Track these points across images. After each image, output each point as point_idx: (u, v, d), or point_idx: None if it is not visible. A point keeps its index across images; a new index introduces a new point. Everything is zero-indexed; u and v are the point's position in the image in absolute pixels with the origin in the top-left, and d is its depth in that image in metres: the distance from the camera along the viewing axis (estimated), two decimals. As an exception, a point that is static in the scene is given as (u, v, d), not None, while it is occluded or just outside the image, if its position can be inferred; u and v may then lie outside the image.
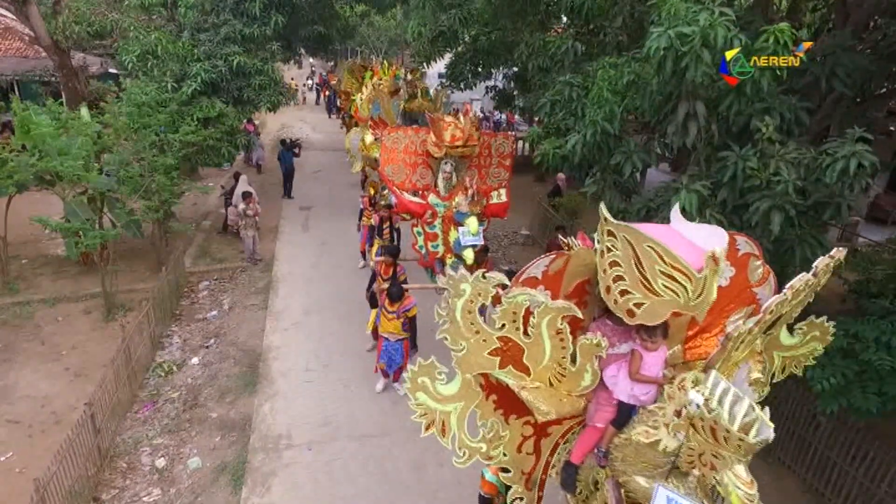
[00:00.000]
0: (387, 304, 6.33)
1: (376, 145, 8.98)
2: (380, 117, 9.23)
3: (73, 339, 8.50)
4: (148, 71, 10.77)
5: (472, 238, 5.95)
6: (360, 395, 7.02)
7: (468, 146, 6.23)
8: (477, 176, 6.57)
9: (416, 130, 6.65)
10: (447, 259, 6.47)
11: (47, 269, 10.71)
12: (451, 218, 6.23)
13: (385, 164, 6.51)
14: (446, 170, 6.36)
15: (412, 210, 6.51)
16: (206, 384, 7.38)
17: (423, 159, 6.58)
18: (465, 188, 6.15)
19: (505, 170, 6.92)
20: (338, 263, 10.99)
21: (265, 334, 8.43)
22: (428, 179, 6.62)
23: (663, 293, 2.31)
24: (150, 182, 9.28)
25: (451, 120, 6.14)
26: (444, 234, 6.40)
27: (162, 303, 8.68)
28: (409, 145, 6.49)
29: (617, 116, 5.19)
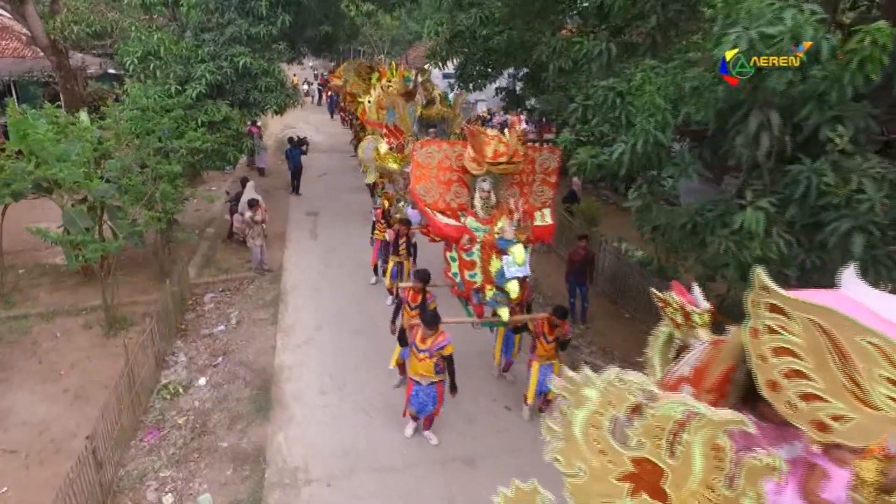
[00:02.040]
0: (418, 339, 5.60)
1: (392, 155, 8.49)
2: (395, 125, 8.71)
3: (72, 357, 8.03)
4: (150, 73, 10.30)
5: (517, 269, 5.24)
6: (381, 421, 6.56)
7: (512, 163, 5.59)
8: (518, 194, 5.99)
9: (451, 144, 6.00)
10: (487, 291, 5.77)
11: (45, 280, 10.24)
12: (493, 245, 5.50)
13: (417, 181, 5.82)
14: (485, 188, 5.70)
15: (447, 235, 5.84)
16: (215, 408, 6.91)
17: (459, 176, 5.93)
18: (509, 211, 5.45)
19: (549, 188, 6.24)
20: (348, 273, 10.53)
21: (276, 352, 7.96)
22: (463, 198, 5.96)
23: (886, 407, 1.65)
24: (153, 191, 8.80)
25: (495, 134, 5.52)
26: (483, 263, 5.69)
27: (166, 317, 8.22)
28: (443, 160, 5.82)
29: (670, 125, 4.73)
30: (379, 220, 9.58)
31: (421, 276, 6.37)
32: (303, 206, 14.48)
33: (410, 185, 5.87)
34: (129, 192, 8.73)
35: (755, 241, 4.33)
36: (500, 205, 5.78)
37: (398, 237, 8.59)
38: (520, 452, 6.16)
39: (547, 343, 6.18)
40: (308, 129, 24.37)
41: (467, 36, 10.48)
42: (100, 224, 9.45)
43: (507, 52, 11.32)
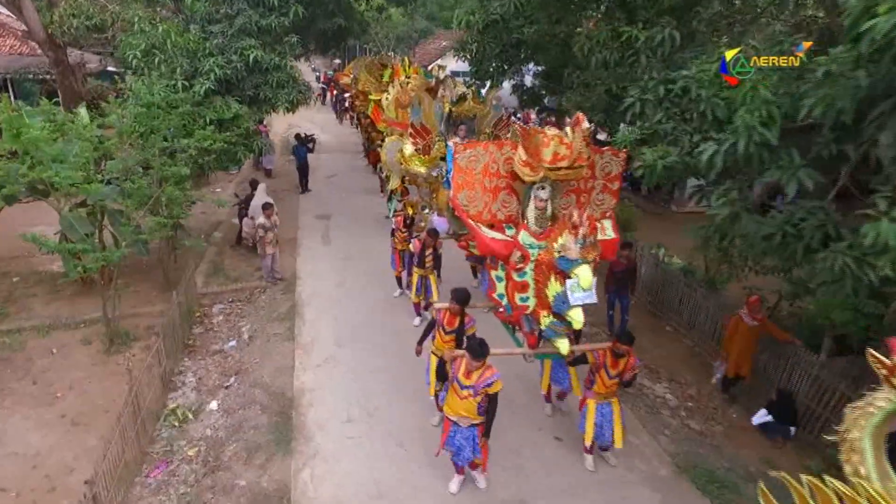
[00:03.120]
0: (461, 374, 4.75)
1: (418, 157, 7.72)
2: (421, 124, 7.93)
3: (69, 377, 7.31)
4: (155, 67, 9.57)
5: (583, 295, 4.38)
6: (416, 456, 5.83)
7: (575, 168, 4.74)
8: (575, 203, 5.23)
9: (499, 146, 5.14)
10: (542, 318, 4.88)
11: (41, 290, 9.52)
12: (551, 264, 4.64)
13: (458, 189, 5.02)
14: (541, 197, 4.86)
15: (495, 251, 5.03)
16: (230, 438, 6.19)
17: (508, 183, 5.14)
18: (574, 226, 4.49)
19: (611, 196, 5.46)
20: (367, 282, 9.80)
21: (295, 373, 7.23)
22: (512, 209, 5.17)
23: None
24: (159, 194, 8.07)
25: (555, 133, 4.66)
26: (538, 285, 4.86)
27: (172, 332, 7.49)
28: (489, 165, 5.03)
29: (776, 121, 4.02)
30: (399, 228, 8.79)
31: (459, 296, 5.51)
32: (313, 209, 13.75)
33: (452, 194, 5.05)
34: (133, 196, 8.00)
35: (885, 258, 3.62)
36: (557, 217, 4.99)
37: (424, 248, 7.83)
38: (578, 494, 5.45)
39: (609, 378, 5.27)
40: (313, 128, 23.58)
41: (501, 26, 9.77)
42: (100, 230, 8.75)
43: (537, 45, 10.60)
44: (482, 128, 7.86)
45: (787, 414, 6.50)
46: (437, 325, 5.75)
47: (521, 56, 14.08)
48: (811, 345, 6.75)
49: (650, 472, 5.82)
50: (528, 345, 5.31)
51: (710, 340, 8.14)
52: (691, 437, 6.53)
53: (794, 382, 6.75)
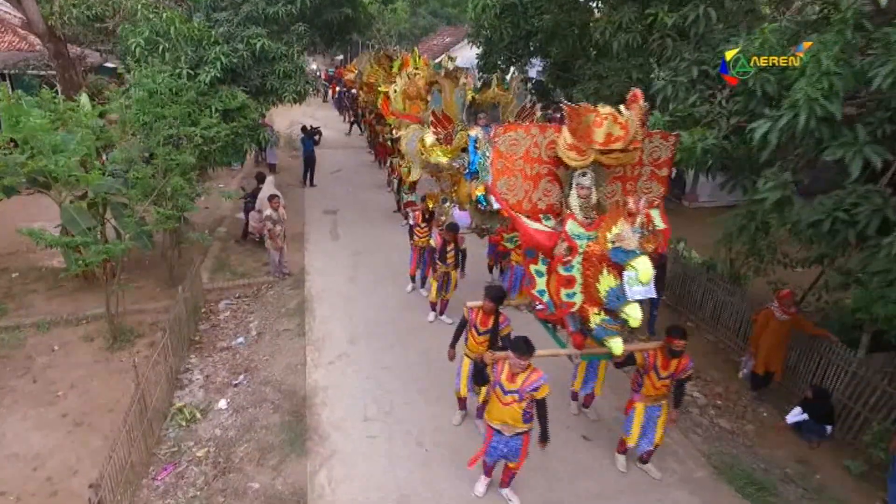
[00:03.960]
0: (504, 377, 4.37)
1: (439, 147, 7.37)
2: (443, 112, 7.56)
3: (71, 375, 7.01)
4: (158, 56, 9.25)
5: (642, 289, 3.98)
6: (440, 456, 5.54)
7: (628, 151, 4.31)
8: (621, 191, 4.83)
9: (542, 129, 4.64)
10: (592, 316, 4.45)
11: (41, 285, 9.22)
12: (603, 257, 4.23)
13: (498, 176, 4.58)
14: (583, 184, 4.48)
15: (540, 244, 4.59)
16: (240, 438, 5.89)
17: (550, 169, 4.69)
18: (630, 213, 4.08)
19: (660, 183, 4.97)
20: (378, 278, 9.50)
21: (307, 370, 6.93)
22: (553, 197, 4.73)
23: None
24: (163, 185, 7.77)
25: (609, 112, 4.17)
26: (586, 280, 4.45)
27: (178, 328, 7.19)
28: (530, 149, 4.58)
29: (839, 95, 3.72)
30: (419, 223, 8.44)
31: (494, 294, 5.15)
32: (320, 204, 13.45)
33: (491, 182, 4.65)
34: (136, 187, 7.70)
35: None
36: (602, 206, 4.63)
37: (445, 244, 7.46)
38: (611, 497, 5.16)
39: (659, 380, 4.89)
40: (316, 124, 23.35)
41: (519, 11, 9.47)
42: (102, 223, 8.45)
43: (553, 33, 10.30)
44: (505, 117, 7.50)
45: (822, 412, 6.22)
46: (469, 326, 5.35)
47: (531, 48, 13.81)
48: (843, 340, 6.47)
49: (685, 473, 5.54)
50: (575, 345, 4.86)
51: (735, 336, 7.86)
52: (723, 436, 6.25)
53: (829, 380, 6.47)
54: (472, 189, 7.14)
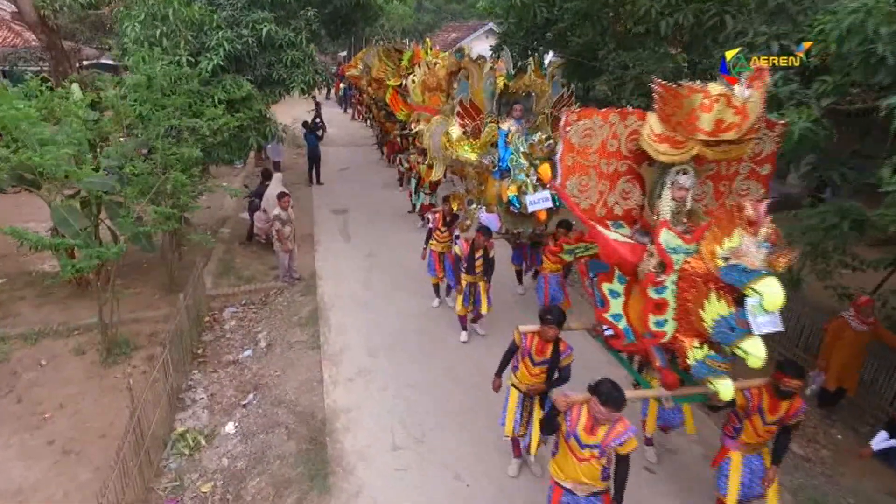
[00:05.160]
0: (581, 428, 3.50)
1: (467, 142, 6.54)
2: (471, 102, 6.72)
3: (60, 393, 6.26)
4: (156, 41, 8.49)
5: (767, 319, 3.11)
6: (479, 491, 4.79)
7: (745, 141, 3.49)
8: (711, 192, 4.02)
9: (621, 115, 3.84)
10: (690, 349, 3.55)
11: (30, 292, 8.47)
12: (710, 276, 3.37)
13: (568, 174, 3.79)
14: (682, 185, 3.68)
15: (624, 260, 3.74)
16: (251, 470, 5.14)
17: (629, 166, 3.92)
18: (750, 221, 3.17)
19: (759, 183, 4.16)
20: (395, 283, 8.76)
21: (325, 388, 6.18)
22: (632, 200, 3.96)
23: None
24: (163, 182, 7.02)
25: (721, 91, 3.33)
26: (682, 304, 3.58)
27: (180, 340, 6.44)
28: (607, 141, 3.81)
29: None
30: (438, 227, 7.62)
31: (556, 317, 4.23)
32: (328, 203, 12.72)
33: (559, 181, 3.84)
34: (133, 184, 6.95)
35: None
36: (693, 211, 3.82)
37: (473, 250, 6.63)
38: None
39: (765, 425, 3.91)
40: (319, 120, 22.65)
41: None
42: (96, 224, 7.70)
43: (585, 15, 9.54)
44: (540, 107, 6.69)
45: (912, 437, 5.47)
46: (523, 353, 4.49)
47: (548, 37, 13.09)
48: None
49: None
50: (665, 384, 3.93)
51: (796, 347, 7.12)
52: (799, 464, 5.50)
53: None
54: (502, 189, 6.39)
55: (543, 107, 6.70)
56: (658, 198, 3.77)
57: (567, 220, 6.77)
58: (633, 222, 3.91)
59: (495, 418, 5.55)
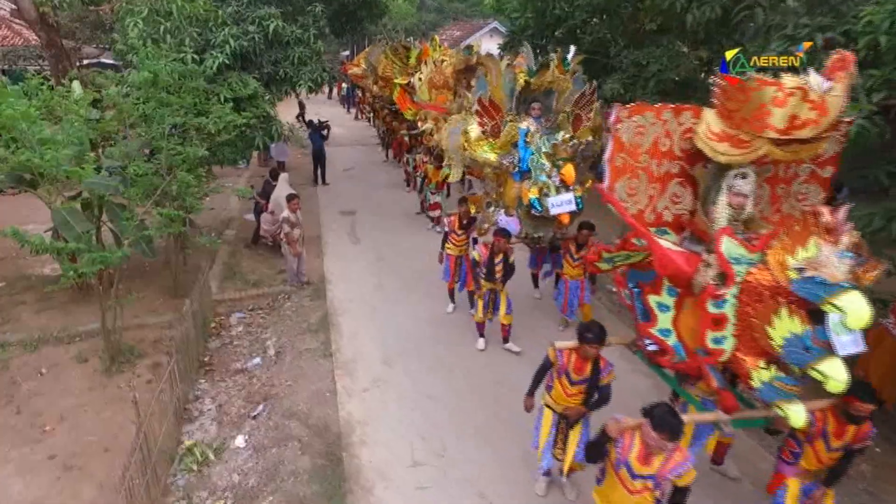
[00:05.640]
0: (634, 458, 3.16)
1: (487, 142, 6.20)
2: (490, 100, 6.38)
3: (61, 404, 5.99)
4: (160, 38, 8.22)
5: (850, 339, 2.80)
6: (508, 510, 4.53)
7: (820, 140, 3.19)
8: (767, 196, 3.71)
9: (675, 111, 3.53)
10: (755, 370, 3.22)
11: (29, 297, 8.20)
12: (779, 289, 3.03)
13: (616, 176, 3.49)
14: (741, 189, 3.37)
15: (680, 271, 3.39)
16: (264, 487, 4.87)
17: (682, 167, 3.62)
18: (828, 229, 2.87)
19: (820, 187, 3.83)
20: (407, 287, 8.49)
21: (339, 399, 5.91)
22: (683, 205, 3.66)
23: None
24: (168, 183, 6.75)
25: (797, 84, 3.00)
26: (743, 319, 3.24)
27: (187, 348, 6.17)
28: (660, 140, 3.50)
29: None
30: (455, 230, 7.28)
31: (595, 334, 3.88)
32: (335, 204, 12.45)
33: (607, 183, 3.51)
34: (136, 185, 6.68)
35: None
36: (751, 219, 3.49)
37: (493, 255, 6.24)
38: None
39: (829, 451, 3.59)
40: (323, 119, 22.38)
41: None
42: (98, 227, 7.44)
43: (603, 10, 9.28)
44: (561, 105, 6.36)
45: (957, 451, 5.21)
46: (558, 371, 4.17)
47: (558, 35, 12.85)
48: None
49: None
50: (724, 407, 3.59)
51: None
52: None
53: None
54: (522, 191, 6.09)
55: (564, 104, 6.40)
56: (713, 203, 3.46)
57: (589, 221, 6.49)
58: (681, 229, 3.61)
59: (519, 432, 5.29)
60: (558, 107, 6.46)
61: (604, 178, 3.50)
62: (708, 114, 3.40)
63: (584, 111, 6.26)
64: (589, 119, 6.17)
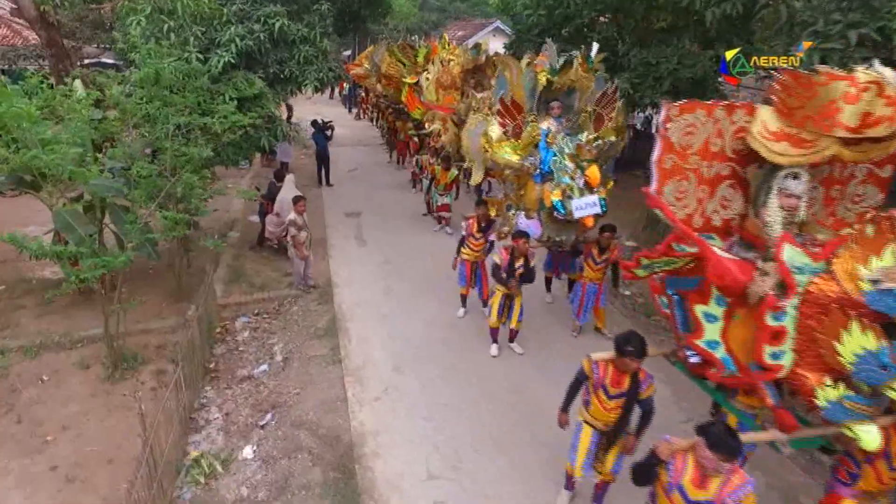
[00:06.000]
0: (688, 481, 2.96)
1: (509, 143, 5.98)
2: (511, 99, 6.13)
3: (63, 413, 5.82)
4: (163, 37, 8.04)
5: None
6: (530, 526, 4.35)
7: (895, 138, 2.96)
8: (821, 198, 3.50)
9: (728, 109, 3.29)
10: (821, 389, 2.99)
11: (30, 300, 8.02)
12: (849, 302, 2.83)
13: (665, 178, 3.27)
14: (793, 191, 3.17)
15: (736, 280, 3.14)
16: (274, 501, 4.70)
17: (733, 169, 3.40)
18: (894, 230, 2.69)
19: (878, 187, 3.61)
20: (417, 290, 8.31)
21: (349, 408, 5.73)
22: (733, 209, 3.44)
23: None
24: (172, 184, 6.58)
25: (871, 78, 2.80)
26: (804, 333, 3.03)
27: (192, 355, 5.99)
28: (711, 140, 3.29)
29: None
30: (473, 233, 6.96)
31: (636, 348, 3.60)
32: (340, 206, 12.26)
33: (654, 186, 3.28)
34: (140, 187, 6.51)
35: None
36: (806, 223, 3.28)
37: (514, 259, 5.95)
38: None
39: (891, 470, 3.31)
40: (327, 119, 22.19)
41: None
42: (100, 229, 7.26)
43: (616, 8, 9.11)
44: (582, 105, 6.12)
45: None
46: (595, 385, 3.92)
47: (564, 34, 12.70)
48: None
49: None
50: (781, 427, 3.33)
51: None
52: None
53: None
54: (544, 193, 5.91)
55: (585, 104, 6.20)
56: (763, 205, 3.26)
57: (611, 224, 6.31)
58: (728, 234, 3.42)
59: (536, 441, 5.14)
60: (580, 106, 6.25)
61: (651, 181, 3.28)
62: (764, 111, 3.20)
63: (606, 110, 6.06)
64: (611, 118, 5.98)
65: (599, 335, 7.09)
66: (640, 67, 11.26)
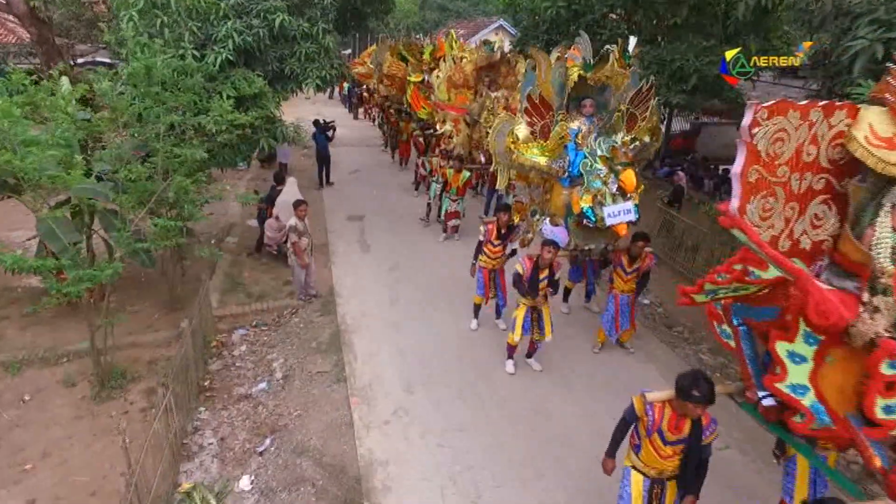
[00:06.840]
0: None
1: (537, 144, 5.45)
2: (540, 97, 5.60)
3: (45, 437, 5.36)
4: (157, 32, 7.58)
5: None
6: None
7: None
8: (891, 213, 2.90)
9: (826, 110, 2.77)
10: None
11: (14, 311, 7.55)
12: None
13: (748, 195, 2.74)
14: None
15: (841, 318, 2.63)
16: (274, 542, 4.23)
17: (827, 182, 2.90)
18: None
19: None
20: (426, 300, 7.84)
21: (356, 433, 5.26)
22: (825, 230, 2.95)
23: None
24: (164, 188, 6.12)
25: None
26: None
27: (185, 373, 5.53)
28: (804, 149, 2.79)
29: None
30: (491, 240, 6.48)
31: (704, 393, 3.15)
32: (342, 209, 11.79)
33: (736, 204, 2.75)
34: (130, 191, 6.04)
35: None
36: None
37: (537, 269, 5.46)
38: None
39: None
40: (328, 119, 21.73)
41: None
42: (88, 236, 6.80)
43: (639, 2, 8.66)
44: (619, 103, 5.59)
45: None
46: (648, 429, 3.44)
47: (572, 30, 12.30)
48: None
49: None
50: (891, 492, 2.87)
51: None
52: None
53: None
54: (572, 199, 5.43)
55: (619, 102, 5.70)
56: (869, 226, 2.76)
57: (644, 232, 5.84)
58: (814, 258, 2.94)
59: (565, 472, 4.68)
60: (614, 104, 5.75)
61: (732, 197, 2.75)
62: (871, 114, 2.72)
63: (640, 109, 5.57)
64: (644, 118, 5.49)
65: (622, 350, 6.64)
66: (654, 65, 10.86)
